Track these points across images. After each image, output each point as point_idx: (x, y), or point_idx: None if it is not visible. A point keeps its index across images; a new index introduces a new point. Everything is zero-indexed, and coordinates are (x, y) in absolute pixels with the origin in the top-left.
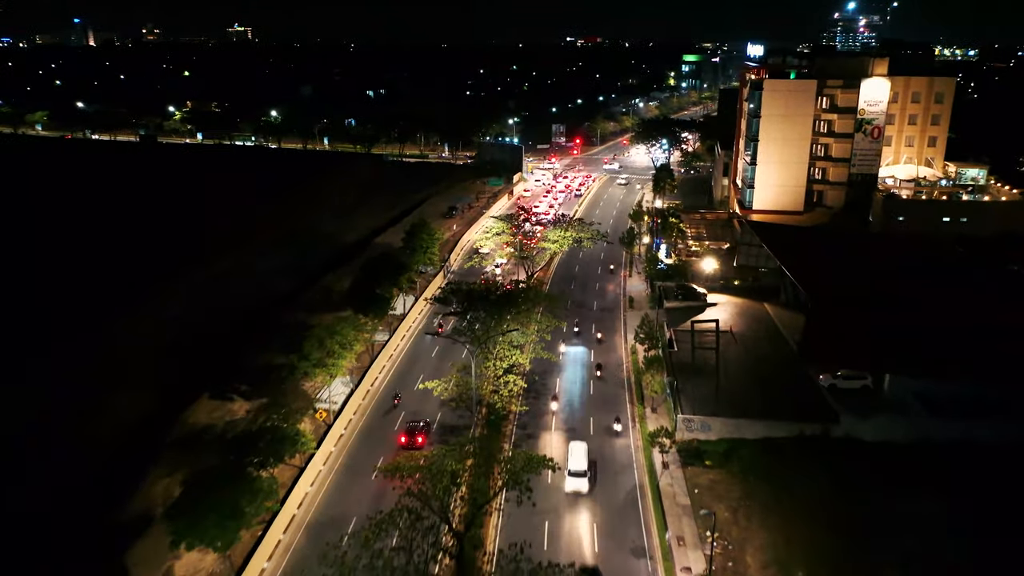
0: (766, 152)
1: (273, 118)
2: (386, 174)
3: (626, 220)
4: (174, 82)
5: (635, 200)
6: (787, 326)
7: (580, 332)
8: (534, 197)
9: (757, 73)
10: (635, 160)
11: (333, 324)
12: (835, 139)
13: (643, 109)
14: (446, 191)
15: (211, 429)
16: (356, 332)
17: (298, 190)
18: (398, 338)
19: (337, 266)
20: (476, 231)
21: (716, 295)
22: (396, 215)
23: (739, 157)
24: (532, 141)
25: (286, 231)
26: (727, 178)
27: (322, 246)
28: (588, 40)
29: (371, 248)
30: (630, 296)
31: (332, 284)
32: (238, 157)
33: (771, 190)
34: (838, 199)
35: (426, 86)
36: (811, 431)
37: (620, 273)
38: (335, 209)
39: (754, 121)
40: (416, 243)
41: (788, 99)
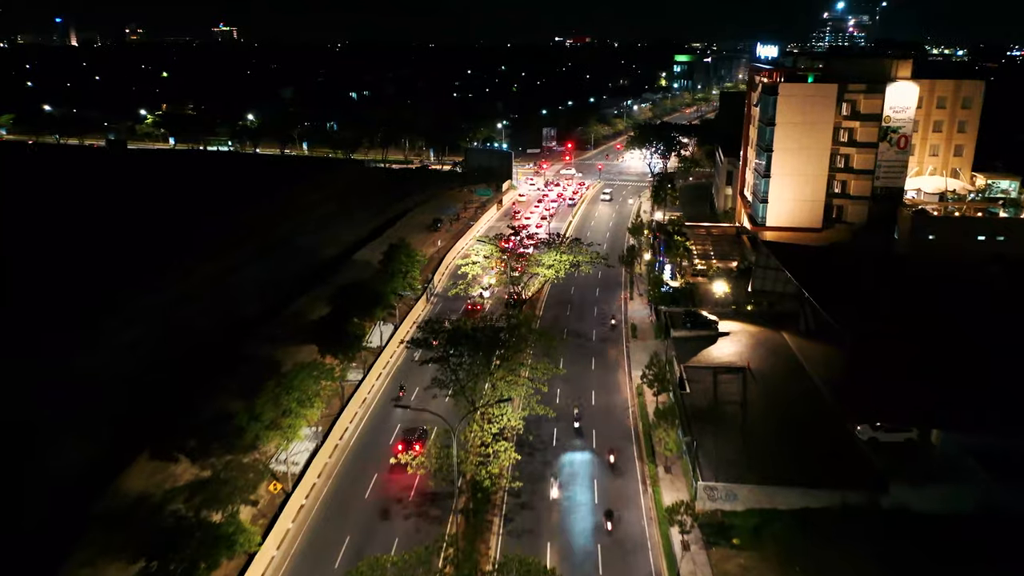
0: (781, 163)
1: (250, 122)
2: (368, 182)
3: (623, 233)
4: (151, 84)
5: (633, 209)
6: (810, 359)
7: (582, 426)
8: (526, 206)
9: (770, 76)
10: (629, 166)
11: (292, 377)
12: (857, 149)
13: (637, 112)
14: (431, 200)
15: (146, 501)
16: (319, 385)
17: (274, 199)
18: (373, 377)
19: (312, 285)
20: (463, 247)
21: (728, 322)
22: (378, 226)
23: (747, 167)
24: (522, 146)
25: (260, 244)
26: (731, 187)
27: (298, 261)
28: (577, 40)
29: (349, 265)
30: (632, 323)
31: (304, 309)
32: (212, 163)
33: (786, 205)
34: (860, 215)
35: (411, 88)
36: (855, 500)
37: (620, 295)
38: (312, 220)
39: (768, 129)
40: (394, 266)
41: (806, 105)
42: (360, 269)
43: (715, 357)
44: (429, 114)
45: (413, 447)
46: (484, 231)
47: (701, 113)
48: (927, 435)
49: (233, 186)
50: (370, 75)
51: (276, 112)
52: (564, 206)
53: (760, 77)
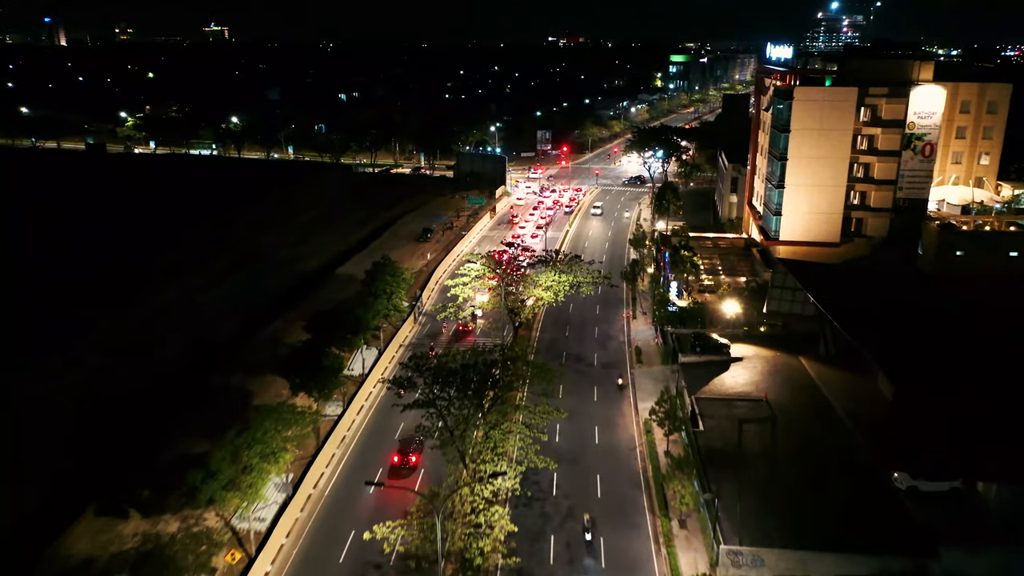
0: (796, 173)
1: (234, 124)
2: (355, 187)
3: (623, 243)
4: (137, 85)
5: (632, 216)
6: (833, 390)
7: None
8: (520, 213)
9: (783, 79)
10: (627, 170)
11: (255, 427)
12: (878, 157)
13: (634, 113)
14: (421, 207)
15: (91, 567)
16: (286, 436)
17: (254, 207)
18: (354, 410)
19: (291, 303)
20: (455, 258)
21: (740, 346)
22: (365, 236)
23: (755, 174)
24: (516, 149)
25: (239, 256)
26: (735, 194)
27: (277, 275)
28: (571, 40)
29: (331, 281)
30: (636, 346)
31: (280, 333)
32: (193, 168)
33: (802, 217)
34: (880, 228)
35: (403, 89)
36: (901, 568)
37: (622, 313)
38: (295, 229)
39: (781, 136)
40: (378, 287)
41: (824, 111)
42: (342, 286)
43: (729, 386)
44: (420, 116)
45: (409, 459)
46: (477, 241)
47: (699, 114)
48: (974, 483)
49: (213, 193)
50: (360, 76)
51: (262, 114)
52: (560, 213)
53: (771, 80)
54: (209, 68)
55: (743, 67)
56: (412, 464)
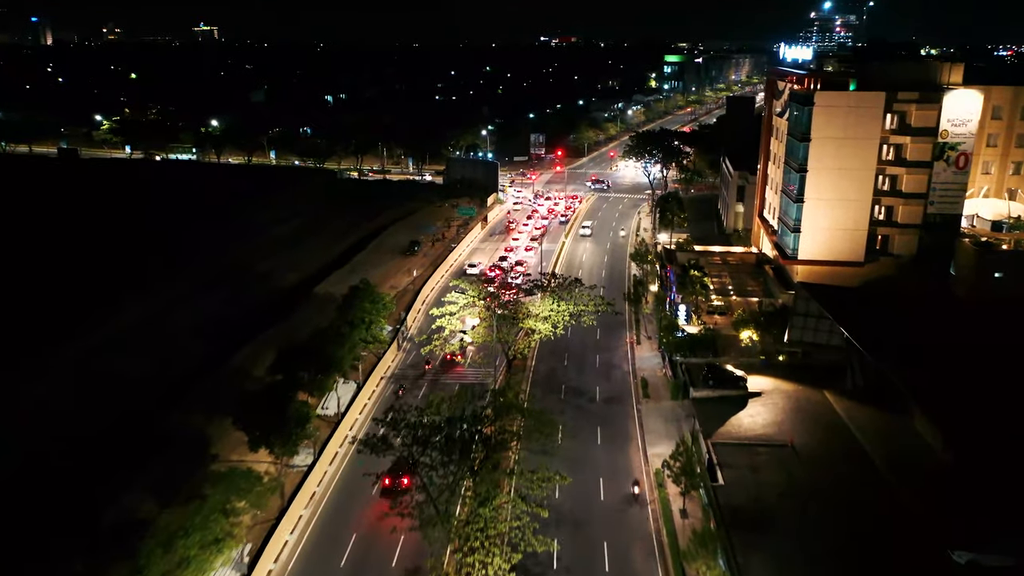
0: (817, 186)
1: (213, 128)
2: (339, 195)
3: (623, 257)
4: (118, 86)
5: (632, 226)
6: (865, 431)
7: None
8: (516, 220)
9: (801, 83)
10: (623, 175)
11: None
12: (907, 169)
13: (631, 115)
14: (409, 217)
15: None
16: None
17: (233, 215)
18: (327, 459)
19: (264, 326)
20: (444, 274)
21: (757, 378)
22: (347, 248)
23: (766, 184)
24: (508, 154)
25: (213, 269)
26: (741, 203)
27: (251, 294)
28: (563, 40)
29: (308, 300)
30: (642, 377)
31: (248, 363)
32: (169, 174)
33: (822, 234)
34: (908, 246)
35: (392, 91)
36: None
37: (625, 337)
38: (273, 241)
39: (801, 146)
40: (355, 316)
41: (848, 117)
42: (321, 306)
43: (747, 427)
44: (408, 119)
45: (401, 481)
46: (467, 254)
47: (695, 116)
48: None
49: (187, 201)
50: (348, 76)
51: (244, 117)
52: (556, 223)
53: (786, 83)
54: (194, 69)
55: (738, 67)
56: (404, 486)
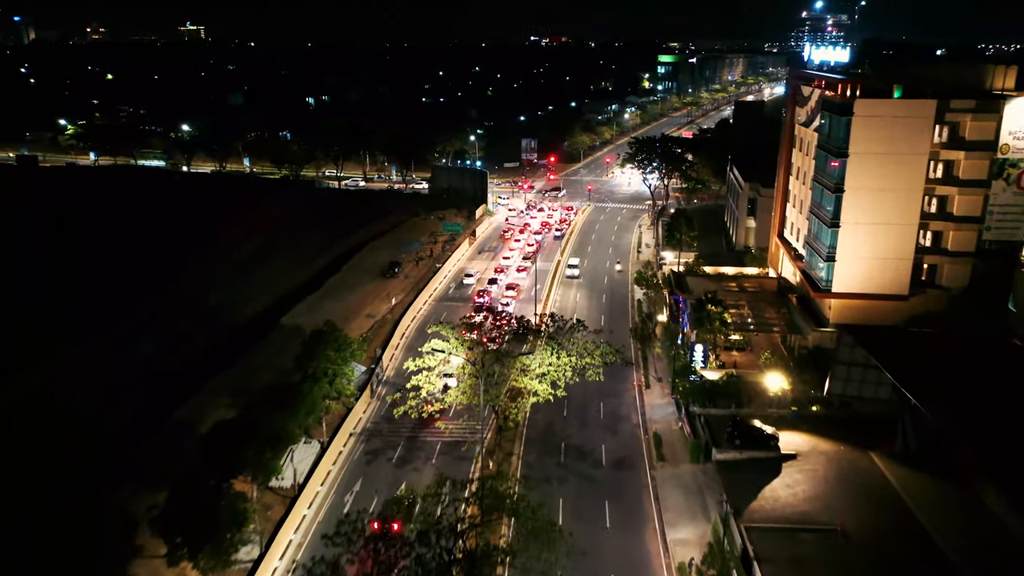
0: (856, 208)
1: (184, 132)
2: (315, 207)
3: (625, 278)
4: (93, 87)
5: (632, 241)
6: (927, 509)
7: None
8: (510, 231)
9: (835, 89)
10: (619, 184)
11: None
12: (959, 188)
13: (627, 119)
14: (391, 231)
15: None
16: None
17: (195, 232)
18: (277, 551)
19: (220, 365)
20: (426, 300)
21: (789, 434)
22: (322, 268)
23: (786, 200)
24: (498, 160)
25: (167, 299)
26: (753, 218)
27: (209, 326)
28: (553, 39)
29: (274, 334)
30: (655, 432)
31: (196, 416)
32: (131, 183)
33: (860, 263)
34: (960, 277)
35: (377, 93)
36: None
37: (632, 379)
38: (240, 261)
39: (838, 163)
40: (318, 366)
41: (892, 130)
42: (284, 344)
43: (786, 503)
44: (393, 124)
45: (391, 526)
46: (453, 275)
47: (692, 118)
48: None
49: (146, 215)
50: (333, 77)
51: (219, 120)
52: (551, 238)
53: (813, 88)
54: (174, 69)
55: (732, 68)
56: (395, 532)
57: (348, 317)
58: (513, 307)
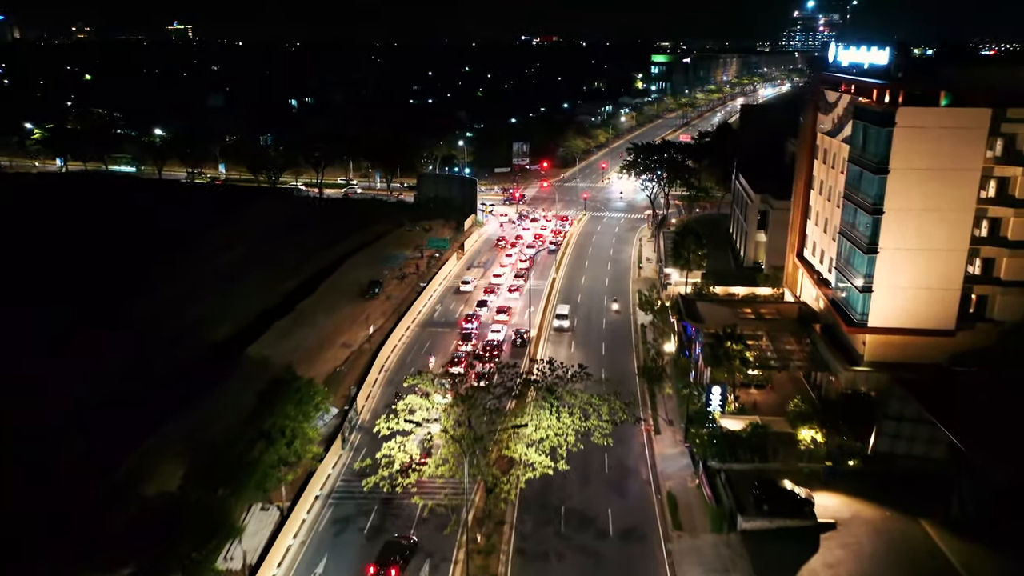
0: (897, 232)
1: (157, 137)
2: (294, 217)
3: (627, 297)
4: (70, 87)
5: (632, 255)
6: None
7: None
8: (500, 247)
9: (870, 95)
10: (615, 191)
11: None
12: (1015, 210)
13: (623, 122)
14: (373, 244)
15: None
16: None
17: (163, 246)
18: None
19: (177, 406)
20: (409, 326)
21: (825, 496)
22: (296, 286)
23: (807, 218)
24: (488, 165)
25: (128, 322)
26: (763, 232)
27: (168, 355)
28: (544, 39)
29: (239, 365)
30: (669, 491)
31: (142, 471)
32: (99, 191)
33: (901, 295)
34: (1013, 309)
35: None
36: None
37: (639, 424)
38: (211, 278)
39: (876, 179)
40: (274, 424)
41: (940, 142)
42: (249, 380)
43: None
44: (378, 127)
45: (388, 572)
46: (439, 295)
47: (687, 119)
48: None
49: (113, 227)
50: (316, 78)
51: (198, 123)
52: (544, 252)
53: (842, 94)
54: (156, 69)
55: (725, 67)
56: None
57: (321, 346)
58: (504, 333)
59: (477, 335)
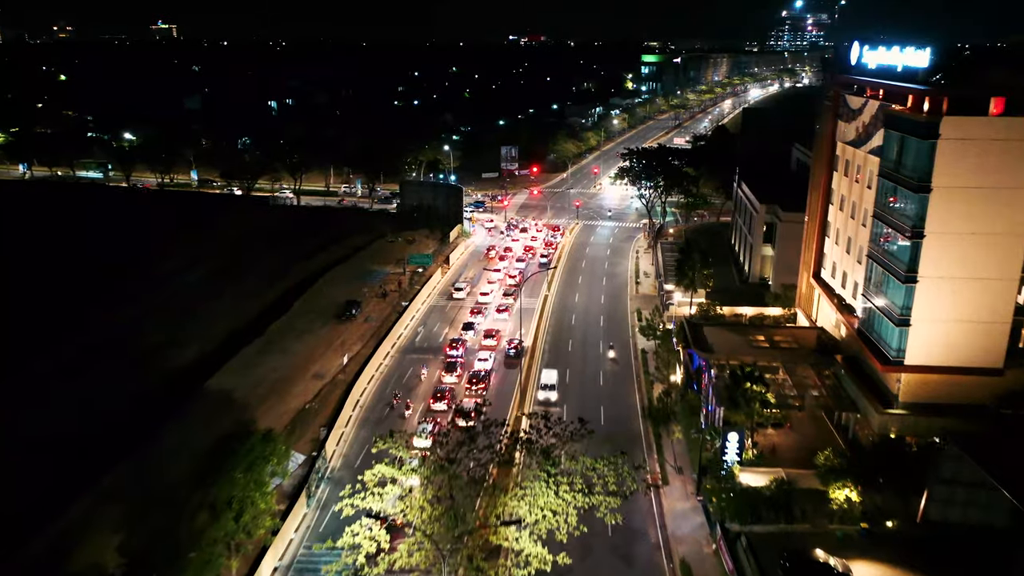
0: (940, 258)
1: (127, 141)
2: (270, 228)
3: (623, 313)
4: (44, 89)
5: (629, 269)
6: None
7: None
8: (491, 257)
9: (906, 101)
10: (608, 198)
11: None
12: None
13: (616, 124)
14: (354, 256)
15: None
16: None
17: (126, 261)
18: None
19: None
20: (388, 352)
21: (861, 564)
22: (268, 305)
23: (825, 235)
24: (476, 169)
25: (83, 347)
26: (770, 246)
27: (128, 379)
28: (532, 39)
29: (197, 398)
30: (682, 560)
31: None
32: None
33: (943, 329)
34: None
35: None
36: None
37: (644, 472)
38: (176, 295)
39: (915, 198)
40: (220, 494)
41: (991, 157)
42: (208, 418)
43: None
44: (360, 130)
45: None
46: (422, 317)
47: (679, 120)
48: None
49: (73, 240)
50: (299, 79)
51: (172, 126)
52: (535, 265)
53: (868, 99)
54: (135, 69)
55: (716, 67)
56: None
57: (290, 378)
58: (492, 361)
59: (462, 364)
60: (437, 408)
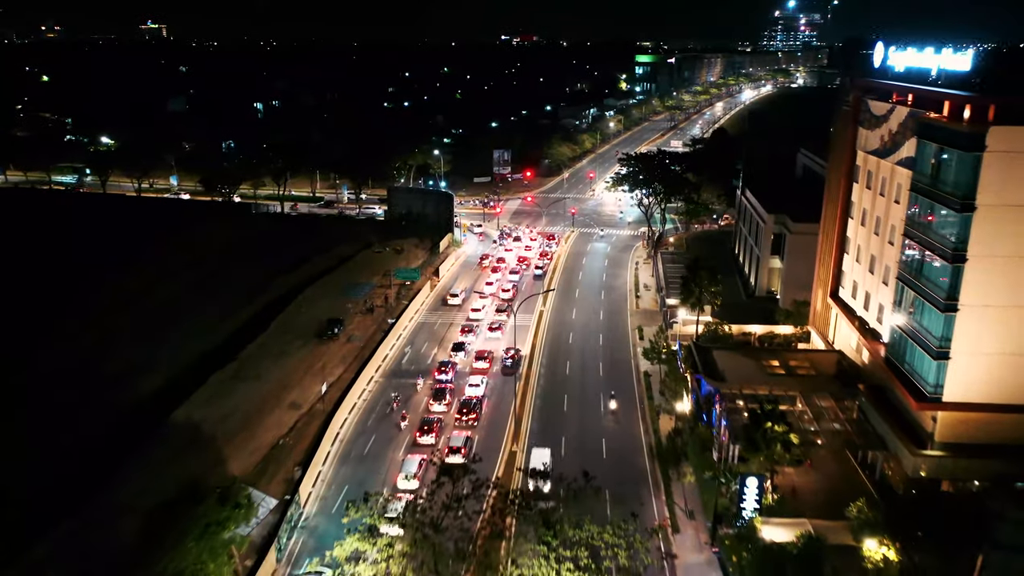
0: (983, 283)
1: (105, 145)
2: (250, 238)
3: (624, 331)
4: (21, 90)
5: (628, 282)
6: None
7: None
8: (484, 266)
9: (943, 109)
10: (604, 204)
11: None
12: None
13: (612, 127)
14: (339, 268)
15: None
16: None
17: (92, 277)
18: None
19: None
20: (372, 377)
21: None
22: (243, 323)
23: (843, 251)
24: (468, 174)
25: (38, 376)
26: (779, 258)
27: (86, 409)
28: (525, 38)
29: (160, 439)
30: None
31: None
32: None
33: (985, 363)
34: None
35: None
36: None
37: (652, 515)
38: (145, 314)
39: (957, 219)
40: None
41: None
42: (171, 457)
43: None
44: (346, 136)
45: None
46: (409, 335)
47: (674, 122)
48: None
49: (35, 257)
50: (286, 81)
51: (153, 130)
52: (530, 277)
53: (896, 105)
54: (122, 70)
55: (710, 68)
56: None
57: (264, 409)
58: (484, 387)
59: (452, 390)
60: (424, 442)
